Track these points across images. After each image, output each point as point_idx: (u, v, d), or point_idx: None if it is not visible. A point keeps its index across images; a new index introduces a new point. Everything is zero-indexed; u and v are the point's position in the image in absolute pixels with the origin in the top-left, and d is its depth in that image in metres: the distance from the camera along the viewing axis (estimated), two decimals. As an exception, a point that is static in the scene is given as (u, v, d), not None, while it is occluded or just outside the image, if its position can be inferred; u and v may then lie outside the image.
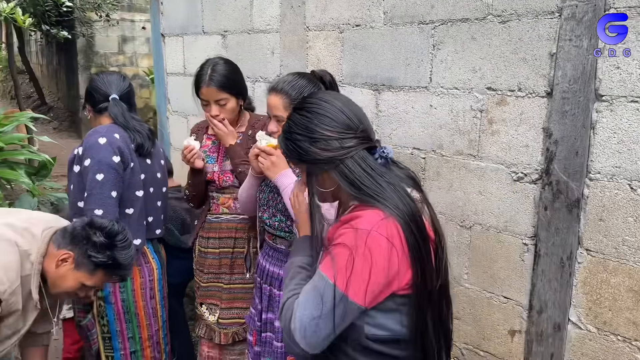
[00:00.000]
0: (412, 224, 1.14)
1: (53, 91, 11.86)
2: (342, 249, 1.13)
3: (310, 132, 1.20)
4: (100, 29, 9.03)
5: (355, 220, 1.15)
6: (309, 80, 1.83)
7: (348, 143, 1.18)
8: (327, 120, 1.20)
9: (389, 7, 2.15)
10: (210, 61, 2.17)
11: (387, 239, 1.11)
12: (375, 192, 1.16)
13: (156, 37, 3.63)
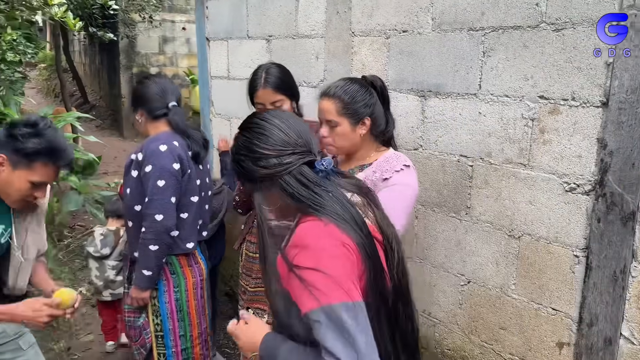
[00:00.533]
0: (352, 225, 1.20)
1: (95, 90, 12.20)
2: (307, 272, 1.12)
3: (251, 151, 1.25)
4: (142, 30, 9.25)
5: (301, 240, 1.18)
6: (361, 86, 1.86)
7: (286, 159, 1.23)
8: (265, 139, 1.24)
9: (437, 14, 2.14)
10: (263, 66, 2.23)
11: (335, 239, 1.17)
12: (313, 202, 1.21)
13: (201, 40, 3.70)
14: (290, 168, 1.22)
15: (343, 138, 1.84)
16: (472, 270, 2.17)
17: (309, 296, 1.11)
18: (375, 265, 1.20)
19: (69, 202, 4.52)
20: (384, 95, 1.91)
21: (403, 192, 1.78)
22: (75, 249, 4.93)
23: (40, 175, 1.76)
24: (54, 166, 1.78)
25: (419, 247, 2.36)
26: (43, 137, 1.73)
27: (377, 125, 1.87)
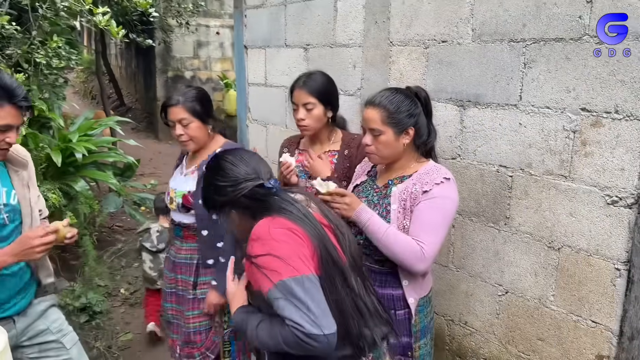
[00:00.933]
0: (297, 214, 1.47)
1: (131, 92, 12.49)
2: (261, 258, 1.38)
3: (212, 186, 1.57)
4: (178, 35, 9.45)
5: (254, 234, 1.44)
6: (406, 96, 1.87)
7: (239, 187, 1.52)
8: (222, 173, 1.56)
9: (477, 25, 2.15)
10: (310, 71, 2.31)
11: (282, 227, 1.43)
12: (262, 206, 1.51)
13: (239, 48, 3.78)
14: (243, 192, 1.52)
15: (386, 147, 1.86)
16: (510, 281, 2.17)
17: (265, 279, 1.36)
18: (325, 244, 1.45)
19: (109, 203, 4.66)
20: (428, 106, 1.92)
21: (443, 205, 1.79)
22: (115, 250, 5.08)
23: (1, 118, 1.74)
24: (11, 106, 1.76)
25: (455, 255, 2.38)
26: None
27: (420, 135, 1.88)
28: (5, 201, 1.90)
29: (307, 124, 2.24)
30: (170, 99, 2.25)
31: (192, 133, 2.24)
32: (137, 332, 3.68)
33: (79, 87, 14.81)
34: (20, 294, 1.98)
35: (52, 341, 2.09)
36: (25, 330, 2.01)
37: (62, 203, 3.86)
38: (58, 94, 4.95)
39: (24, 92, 1.79)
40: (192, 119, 2.22)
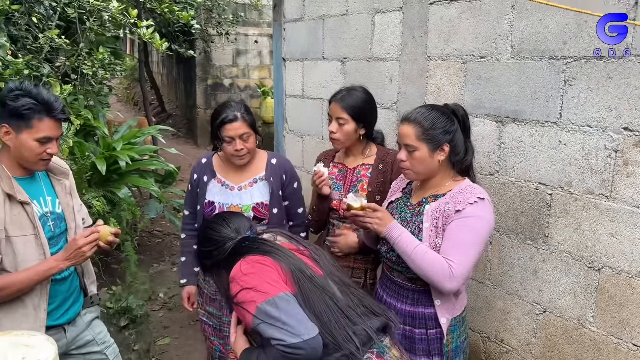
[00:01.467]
0: (267, 248, 1.61)
1: (172, 99, 12.79)
2: (238, 295, 1.50)
3: (202, 253, 1.76)
4: (217, 44, 9.65)
5: (230, 278, 1.57)
6: (442, 113, 1.87)
7: (223, 247, 1.67)
8: (208, 240, 1.72)
9: (517, 41, 2.14)
10: (352, 86, 2.34)
11: (250, 262, 1.55)
12: (239, 253, 1.63)
13: (277, 60, 3.85)
14: (227, 250, 1.66)
15: (420, 163, 1.86)
16: (548, 300, 2.14)
17: (247, 312, 1.46)
18: (295, 264, 1.57)
19: (150, 209, 4.79)
20: (465, 123, 1.92)
21: (475, 225, 1.77)
22: (155, 253, 5.22)
23: (41, 131, 1.83)
24: (50, 118, 1.85)
25: (492, 272, 2.36)
26: (30, 95, 1.83)
27: (456, 153, 1.87)
28: (52, 209, 2.00)
29: (337, 137, 2.27)
30: (228, 115, 2.22)
31: (250, 146, 2.28)
32: (175, 337, 3.77)
33: (122, 94, 15.25)
34: (69, 302, 2.06)
35: (97, 352, 2.17)
36: (74, 340, 2.09)
37: (106, 209, 4.00)
38: (102, 103, 5.14)
39: (61, 105, 1.90)
40: (251, 133, 2.28)
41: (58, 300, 2.01)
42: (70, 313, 2.07)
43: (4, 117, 1.83)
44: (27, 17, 3.79)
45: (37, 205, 1.95)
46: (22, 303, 1.87)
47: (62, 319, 2.02)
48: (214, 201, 2.35)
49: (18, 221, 1.84)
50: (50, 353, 1.33)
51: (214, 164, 2.44)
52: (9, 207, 1.83)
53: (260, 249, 1.62)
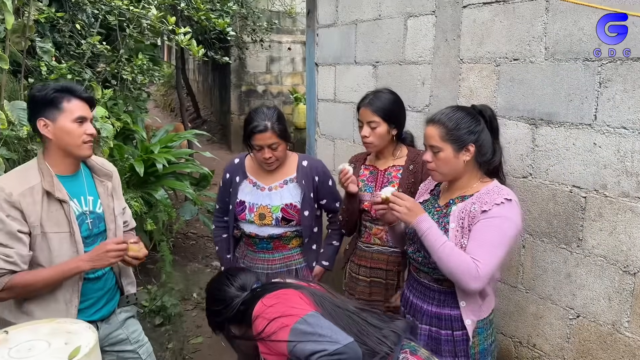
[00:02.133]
0: (280, 285, 1.69)
1: (207, 106, 13.04)
2: (266, 329, 1.52)
3: (212, 312, 1.81)
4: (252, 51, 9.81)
5: (252, 320, 1.60)
6: (467, 113, 1.87)
7: (232, 305, 1.71)
8: (215, 300, 1.78)
9: (551, 43, 2.13)
10: (377, 89, 2.36)
11: (270, 296, 1.61)
12: (255, 299, 1.67)
13: (310, 65, 3.90)
14: (236, 307, 1.72)
15: (446, 164, 1.86)
16: (582, 304, 2.11)
17: (277, 344, 1.49)
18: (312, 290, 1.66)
19: (185, 211, 4.90)
20: (493, 124, 1.91)
21: (500, 225, 1.75)
22: (189, 254, 5.33)
23: (74, 111, 1.93)
24: (76, 98, 1.95)
25: (525, 276, 2.33)
26: (54, 85, 1.98)
27: (483, 153, 1.87)
28: (92, 209, 2.07)
29: (370, 141, 2.29)
30: (258, 125, 2.26)
31: (279, 154, 2.34)
32: (208, 336, 3.84)
33: (158, 100, 15.62)
34: (103, 300, 2.11)
35: (130, 351, 2.21)
36: (107, 337, 2.14)
37: (144, 210, 4.11)
38: (141, 108, 5.29)
39: (82, 87, 2.05)
40: (280, 142, 2.32)
41: (92, 298, 2.06)
42: (104, 311, 2.12)
43: (38, 111, 1.92)
44: (70, 24, 3.95)
45: (77, 204, 2.01)
46: (54, 298, 1.94)
47: (95, 316, 2.07)
48: (244, 201, 2.41)
49: (55, 218, 1.91)
50: (91, 340, 1.39)
51: (246, 164, 2.50)
52: (46, 204, 1.89)
53: (276, 286, 1.69)
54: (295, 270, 2.44)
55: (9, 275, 1.78)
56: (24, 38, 3.00)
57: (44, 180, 1.90)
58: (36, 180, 1.89)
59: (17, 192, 1.83)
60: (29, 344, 1.39)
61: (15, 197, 1.81)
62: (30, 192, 1.86)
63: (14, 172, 1.96)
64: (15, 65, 3.16)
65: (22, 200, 1.83)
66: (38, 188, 1.88)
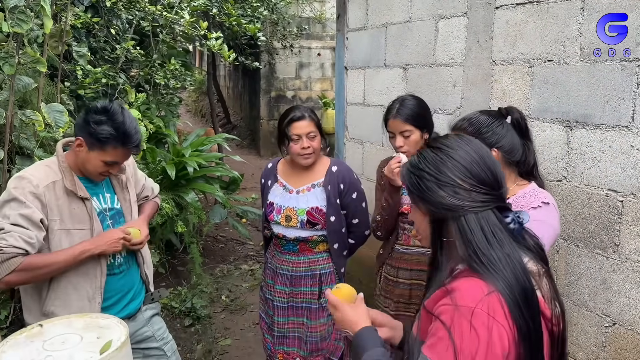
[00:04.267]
0: (520, 301, 1.05)
1: (237, 111, 13.18)
2: (443, 332, 1.05)
3: (440, 172, 1.15)
4: (282, 57, 9.89)
5: (456, 294, 1.07)
6: (489, 116, 1.84)
7: (477, 197, 1.13)
8: (460, 167, 1.15)
9: (586, 44, 2.08)
10: (401, 97, 2.32)
11: (489, 314, 1.02)
12: (488, 261, 1.08)
13: (340, 69, 3.90)
14: (478, 208, 1.12)
15: None
16: (618, 312, 2.04)
17: (429, 344, 1.08)
18: (531, 349, 1.06)
19: (215, 215, 4.95)
20: (520, 125, 1.87)
21: (538, 229, 1.70)
22: (218, 257, 5.38)
23: (111, 156, 1.94)
24: (123, 149, 1.95)
25: (559, 282, 2.27)
26: (114, 124, 1.89)
27: (512, 155, 1.83)
28: (110, 205, 2.11)
29: (406, 150, 2.26)
30: (296, 114, 2.33)
31: (316, 145, 2.35)
32: (236, 338, 3.87)
33: (190, 106, 15.88)
34: (128, 297, 2.14)
35: (155, 348, 2.24)
36: (134, 335, 2.15)
37: (175, 212, 4.17)
38: (173, 112, 5.39)
39: (139, 140, 1.99)
40: (317, 132, 2.35)
41: (116, 295, 2.09)
42: (130, 308, 2.14)
43: (83, 132, 1.92)
44: (105, 30, 4.05)
45: (97, 202, 2.05)
46: (77, 295, 1.96)
47: (122, 314, 2.08)
48: (273, 202, 2.45)
49: (77, 215, 1.95)
50: (122, 335, 1.41)
51: (278, 168, 2.54)
52: (68, 201, 1.93)
53: (512, 289, 1.06)
54: (319, 276, 2.43)
55: (23, 257, 1.79)
56: (61, 42, 3.10)
57: (65, 179, 1.94)
58: (58, 177, 1.93)
59: (43, 185, 1.87)
60: (62, 337, 1.42)
61: (41, 190, 1.86)
62: (53, 187, 1.90)
63: (39, 165, 1.99)
64: (53, 69, 3.26)
65: (47, 193, 1.87)
66: (60, 185, 1.92)
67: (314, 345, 2.41)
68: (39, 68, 2.59)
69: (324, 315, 2.41)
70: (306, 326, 2.43)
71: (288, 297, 2.46)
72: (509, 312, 1.04)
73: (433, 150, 1.20)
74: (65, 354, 1.33)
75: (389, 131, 2.32)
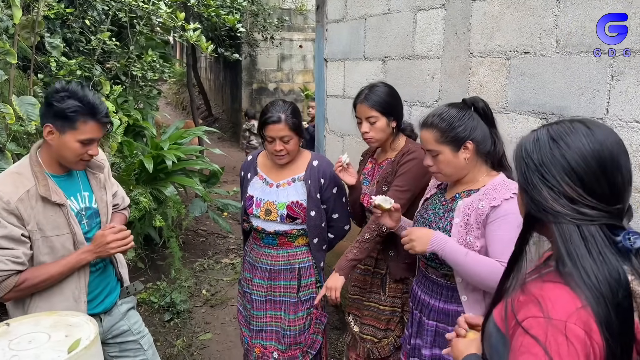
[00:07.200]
0: (615, 322, 0.95)
1: (219, 104, 13.09)
2: (532, 343, 0.95)
3: (546, 169, 1.02)
4: (262, 49, 9.82)
5: (547, 304, 0.97)
6: (459, 110, 1.82)
7: (583, 210, 0.98)
8: (569, 170, 1.00)
9: (562, 36, 2.08)
10: (371, 83, 2.32)
11: (585, 332, 0.93)
12: (584, 275, 0.96)
13: (319, 61, 3.88)
14: (582, 222, 0.98)
15: (447, 165, 1.82)
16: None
17: (514, 350, 0.98)
18: None
19: (195, 208, 4.90)
20: (487, 115, 1.85)
21: (517, 221, 1.68)
22: (198, 251, 5.34)
23: (85, 133, 1.86)
24: (94, 121, 1.87)
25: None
26: (76, 97, 1.83)
27: (484, 146, 1.82)
28: (88, 204, 2.04)
29: (371, 136, 2.27)
30: (272, 116, 2.25)
31: (290, 148, 2.31)
32: (217, 332, 3.84)
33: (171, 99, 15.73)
34: (105, 292, 2.11)
35: (132, 341, 2.21)
36: (110, 329, 2.13)
37: (153, 206, 4.12)
38: (152, 105, 5.32)
39: (106, 109, 1.92)
40: (293, 135, 2.29)
41: (95, 291, 2.06)
42: (107, 303, 2.11)
43: (49, 117, 1.85)
44: (81, 21, 3.97)
45: (75, 201, 1.99)
46: (62, 296, 1.92)
47: (99, 308, 2.07)
48: (253, 195, 2.42)
49: (54, 221, 1.88)
50: (92, 333, 1.38)
51: (258, 161, 2.51)
52: (43, 208, 1.85)
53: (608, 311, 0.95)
54: (299, 269, 2.42)
55: (17, 275, 1.78)
56: (33, 34, 3.02)
57: (39, 184, 1.86)
58: (31, 184, 1.85)
59: (15, 199, 1.79)
60: (29, 336, 1.39)
61: (13, 205, 1.78)
62: (27, 197, 1.82)
63: (8, 175, 1.88)
64: (26, 61, 3.18)
65: (20, 206, 1.80)
66: (33, 191, 1.84)
67: (292, 339, 2.40)
68: (9, 59, 2.53)
69: (303, 309, 2.41)
70: (284, 320, 2.42)
71: (266, 291, 2.44)
72: (600, 333, 0.94)
73: (550, 134, 1.04)
74: (31, 354, 1.30)
75: (357, 117, 2.32)
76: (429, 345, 1.92)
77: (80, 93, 1.86)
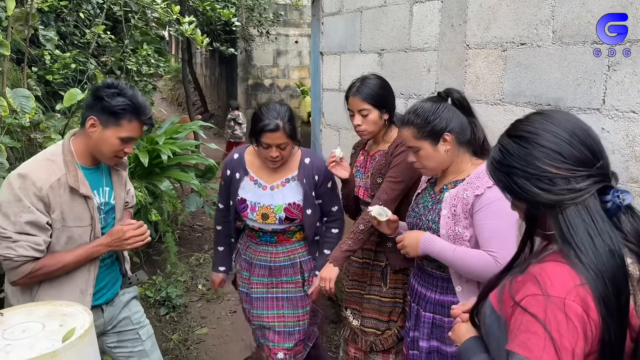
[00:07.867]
0: (613, 304, 0.95)
1: (214, 99, 13.05)
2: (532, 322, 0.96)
3: (529, 166, 1.03)
4: (258, 44, 9.80)
5: (545, 281, 0.97)
6: (433, 103, 1.83)
7: (578, 184, 0.99)
8: (552, 153, 1.01)
9: (559, 27, 2.08)
10: (363, 76, 2.30)
11: (582, 309, 0.94)
12: (582, 250, 0.97)
13: (315, 54, 3.86)
14: (580, 197, 0.98)
15: (429, 160, 1.84)
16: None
17: (520, 341, 0.97)
18: (612, 354, 0.98)
19: (190, 203, 4.88)
20: (462, 104, 1.85)
21: (502, 207, 1.66)
22: (194, 246, 5.33)
23: (127, 131, 1.89)
24: (138, 121, 1.91)
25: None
26: (126, 96, 1.87)
27: (463, 136, 1.83)
28: (107, 200, 2.05)
29: (363, 129, 2.25)
30: (269, 124, 2.17)
31: (286, 154, 2.27)
32: (213, 327, 3.84)
33: (166, 94, 15.68)
34: (109, 285, 2.11)
35: (130, 331, 2.20)
36: (111, 319, 2.13)
37: (148, 201, 4.10)
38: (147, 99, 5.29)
39: (150, 112, 1.97)
40: (289, 142, 2.25)
41: (100, 284, 2.06)
42: (109, 294, 2.11)
43: (95, 110, 1.88)
44: (75, 14, 3.94)
45: (97, 196, 2.00)
46: (71, 287, 1.93)
47: (101, 300, 2.07)
48: (246, 199, 2.34)
49: (78, 212, 1.89)
50: (86, 322, 1.37)
51: (246, 160, 2.40)
52: (70, 198, 1.87)
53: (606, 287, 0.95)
54: (300, 264, 2.41)
55: (34, 262, 1.79)
56: (27, 26, 3.00)
57: (69, 174, 1.87)
58: (62, 172, 1.86)
59: (47, 186, 1.80)
60: (23, 325, 1.38)
61: (44, 192, 1.79)
62: (57, 185, 1.83)
63: (42, 161, 1.88)
64: (20, 53, 3.16)
65: (50, 194, 1.81)
66: (63, 180, 1.85)
67: (302, 334, 2.41)
68: (2, 51, 2.50)
69: (309, 303, 2.41)
70: (290, 316, 2.40)
71: (267, 288, 2.42)
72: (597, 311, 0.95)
73: (514, 139, 1.07)
74: (25, 343, 1.29)
75: (349, 109, 2.30)
76: (426, 337, 1.92)
77: (130, 92, 1.89)
